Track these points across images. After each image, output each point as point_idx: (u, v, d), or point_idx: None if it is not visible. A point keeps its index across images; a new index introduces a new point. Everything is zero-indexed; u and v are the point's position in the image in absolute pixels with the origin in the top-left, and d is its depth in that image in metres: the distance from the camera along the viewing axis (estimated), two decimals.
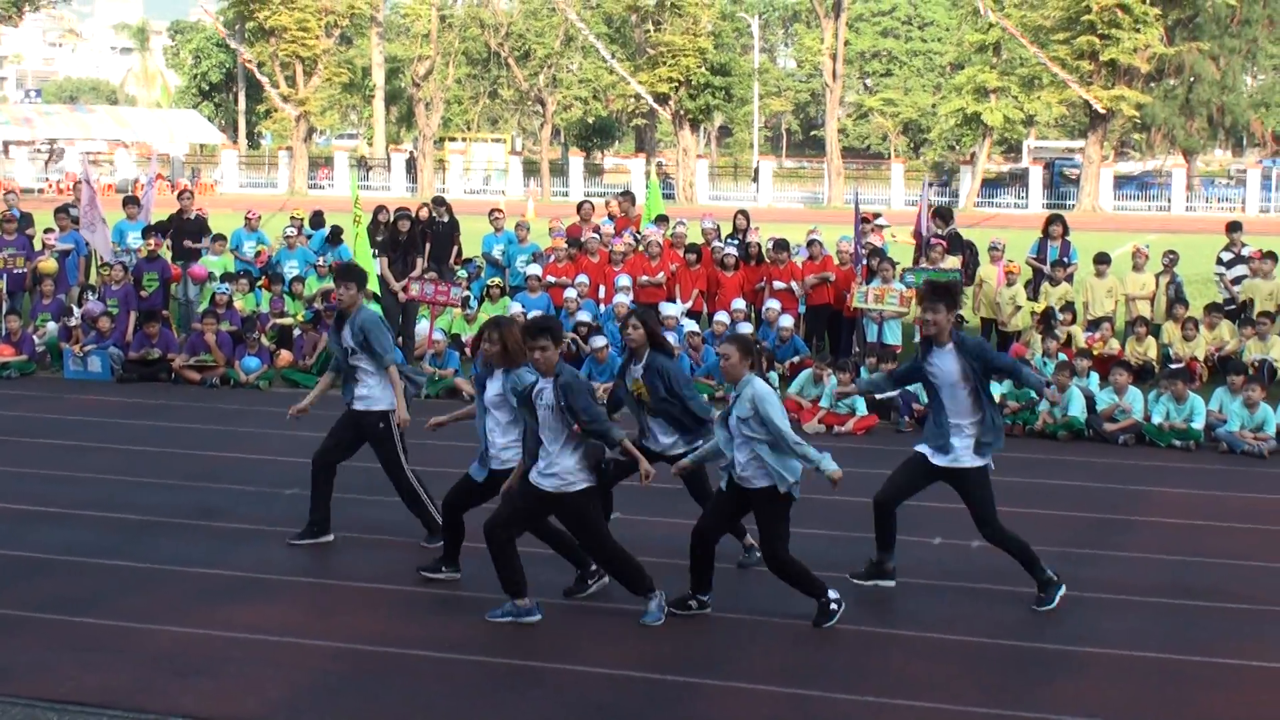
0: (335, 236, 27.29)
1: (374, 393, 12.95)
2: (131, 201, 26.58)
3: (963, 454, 11.20)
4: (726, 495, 11.02)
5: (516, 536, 10.95)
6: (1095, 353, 20.91)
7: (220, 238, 25.43)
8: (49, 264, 24.36)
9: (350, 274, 13.26)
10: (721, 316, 21.88)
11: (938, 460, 11.28)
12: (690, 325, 21.60)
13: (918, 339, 11.58)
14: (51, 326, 22.83)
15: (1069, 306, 22.37)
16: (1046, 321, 21.62)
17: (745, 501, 10.93)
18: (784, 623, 11.03)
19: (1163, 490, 15.90)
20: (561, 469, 10.74)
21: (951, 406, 11.19)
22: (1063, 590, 11.44)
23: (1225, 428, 17.97)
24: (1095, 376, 19.56)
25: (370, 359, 12.88)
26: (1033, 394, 18.79)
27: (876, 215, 24.33)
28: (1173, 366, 20.13)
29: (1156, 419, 18.16)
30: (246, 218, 27.29)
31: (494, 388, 11.57)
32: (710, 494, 11.85)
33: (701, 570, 11.06)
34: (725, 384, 11.05)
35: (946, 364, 11.15)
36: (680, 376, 12.12)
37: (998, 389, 18.90)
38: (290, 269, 25.18)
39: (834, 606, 10.87)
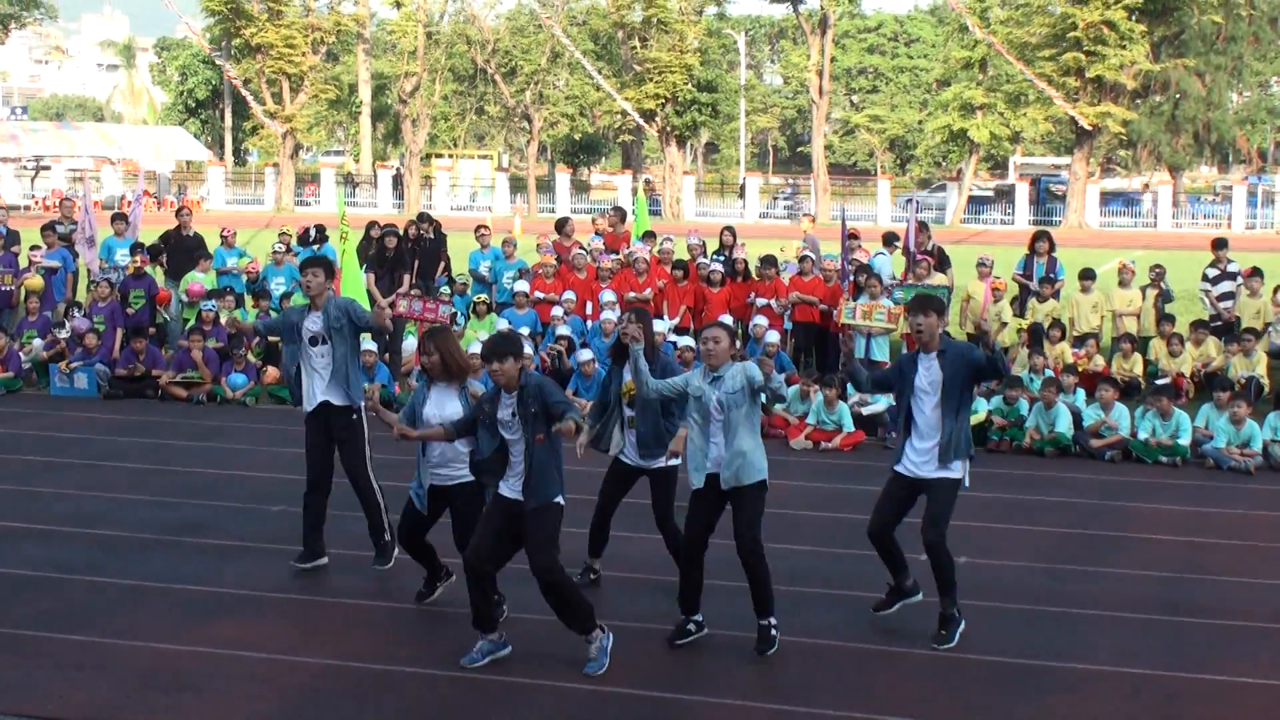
0: (320, 235, 27.35)
1: (341, 385, 12.69)
2: (119, 218, 26.54)
3: (928, 467, 11.17)
4: (708, 497, 10.77)
5: (501, 565, 10.69)
6: (1081, 369, 20.94)
7: (206, 255, 25.42)
8: (35, 281, 24.33)
9: (317, 261, 12.94)
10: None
11: (909, 473, 11.23)
12: (685, 341, 21.58)
13: (904, 351, 11.63)
14: (38, 343, 22.79)
15: (1057, 323, 22.40)
16: (1034, 338, 21.65)
17: (725, 496, 10.73)
18: (777, 639, 11.01)
19: (1150, 506, 15.92)
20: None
21: (920, 419, 11.15)
22: (963, 627, 11.17)
23: (1212, 444, 18.00)
24: (1082, 393, 19.60)
25: (347, 339, 12.66)
26: (1021, 410, 18.84)
27: (854, 235, 24.31)
28: (1159, 383, 20.16)
29: (1143, 435, 18.20)
30: (222, 235, 27.23)
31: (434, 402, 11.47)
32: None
33: (693, 587, 10.88)
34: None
35: (931, 373, 11.11)
36: (672, 365, 11.94)
37: (984, 406, 18.96)
38: (278, 285, 25.15)
39: (775, 632, 10.80)
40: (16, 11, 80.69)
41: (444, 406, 11.35)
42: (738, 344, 11.02)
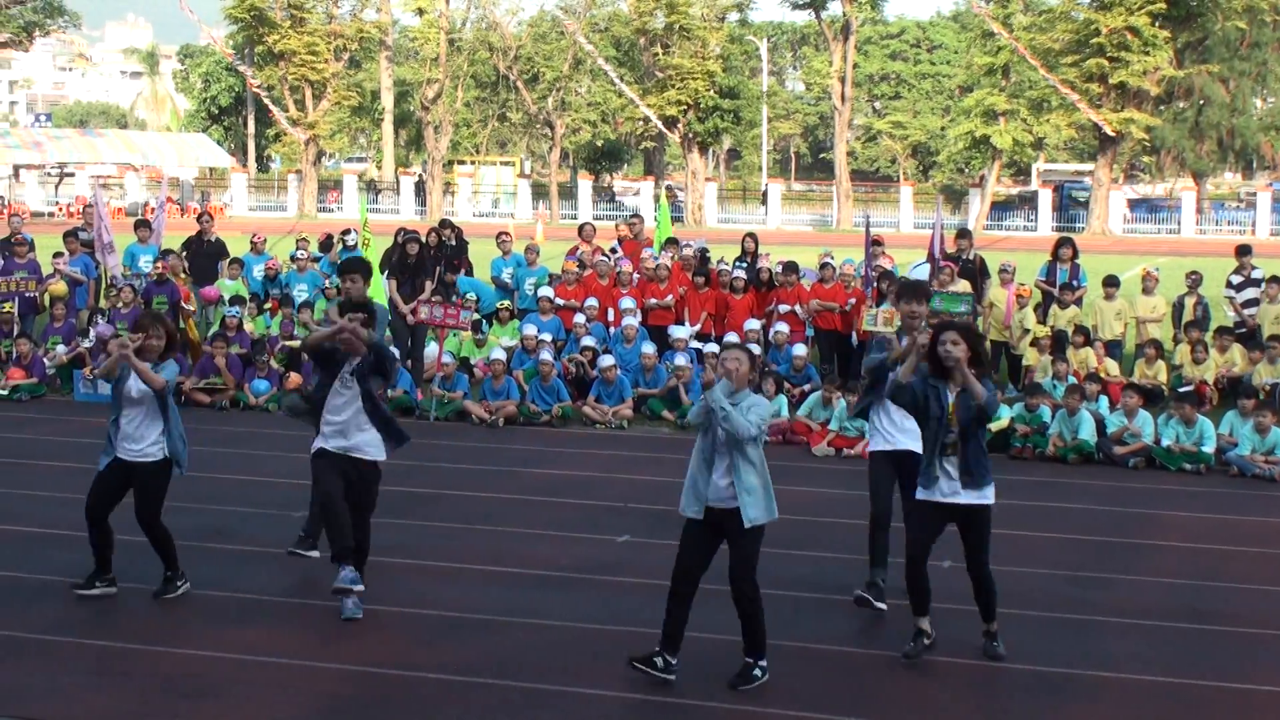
0: (326, 245, 27.54)
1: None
2: (143, 225, 26.66)
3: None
4: (701, 531, 10.29)
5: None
6: (1103, 376, 20.85)
7: (236, 261, 25.47)
8: (59, 287, 24.41)
9: (356, 266, 13.31)
10: (731, 338, 21.90)
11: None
12: (712, 348, 21.56)
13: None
14: (61, 349, 22.86)
15: (1081, 329, 22.33)
16: (1057, 344, 21.59)
17: (722, 532, 10.26)
18: (794, 646, 11.00)
19: (1173, 513, 15.86)
20: (362, 440, 11.59)
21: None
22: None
23: (1236, 451, 17.94)
24: (1105, 400, 19.53)
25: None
26: (1044, 417, 18.79)
27: (878, 241, 24.32)
28: (1182, 389, 20.09)
29: (1166, 442, 18.13)
30: (252, 241, 27.35)
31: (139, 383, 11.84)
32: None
33: (677, 625, 10.35)
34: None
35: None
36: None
37: (1007, 412, 18.91)
38: (300, 292, 25.20)
39: (758, 673, 10.38)
40: (41, 19, 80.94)
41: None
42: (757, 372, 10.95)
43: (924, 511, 10.73)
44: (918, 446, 11.08)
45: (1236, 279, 24.28)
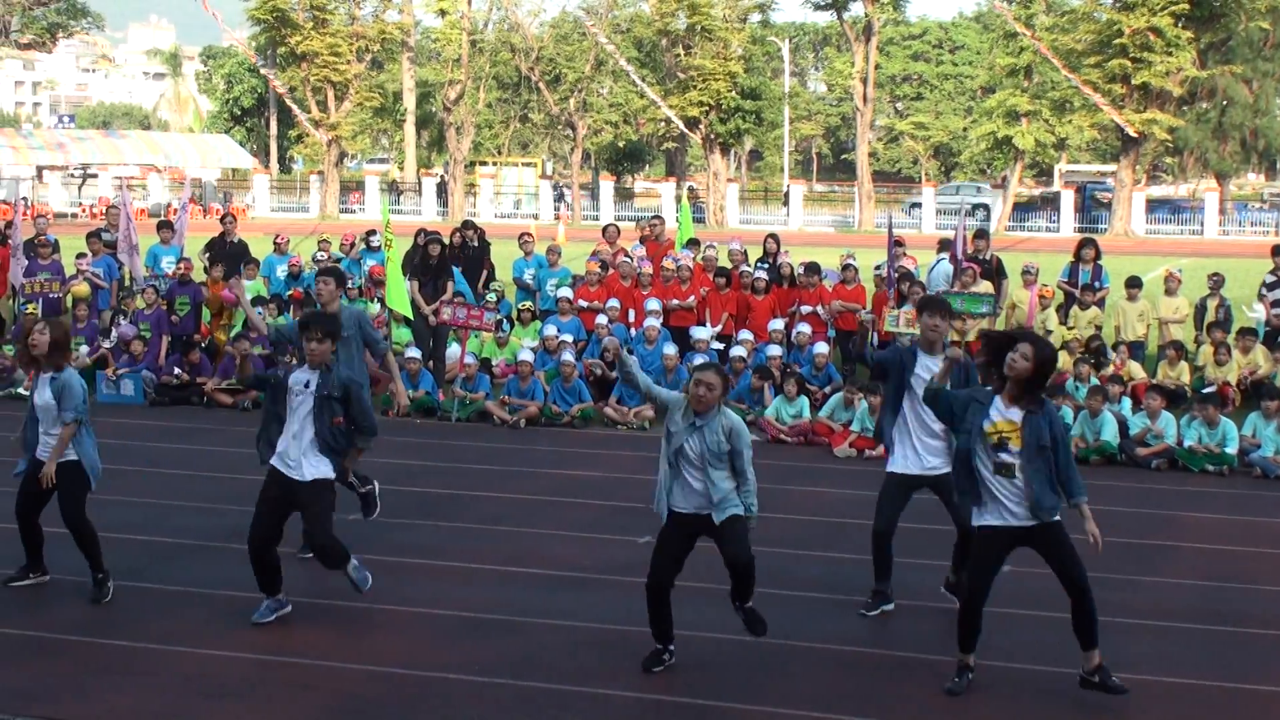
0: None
1: None
2: (165, 226, 26.73)
3: (942, 464, 11.34)
4: (675, 534, 10.42)
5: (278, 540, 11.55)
6: (1125, 378, 20.79)
7: (254, 262, 25.52)
8: (82, 288, 24.48)
9: (331, 271, 13.71)
10: (746, 335, 21.93)
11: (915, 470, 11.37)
12: (738, 351, 21.54)
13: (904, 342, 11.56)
14: (84, 350, 22.92)
15: (1097, 338, 22.24)
16: (1096, 351, 21.50)
17: (696, 534, 10.41)
18: (809, 646, 11.00)
19: (1195, 515, 15.83)
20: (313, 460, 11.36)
21: (917, 418, 11.31)
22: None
23: (1259, 453, 17.88)
24: (1128, 401, 19.49)
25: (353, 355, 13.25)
26: (1066, 419, 18.74)
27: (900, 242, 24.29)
28: (1205, 391, 20.03)
29: (1189, 443, 18.08)
30: (275, 242, 27.41)
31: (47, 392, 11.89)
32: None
33: (665, 620, 10.53)
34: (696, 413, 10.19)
35: (927, 370, 11.23)
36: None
37: None
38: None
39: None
40: (64, 21, 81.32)
41: (41, 392, 11.93)
42: (730, 387, 10.88)
43: (986, 541, 10.09)
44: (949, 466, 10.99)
45: (1271, 279, 24.17)
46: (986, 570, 10.14)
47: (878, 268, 24.28)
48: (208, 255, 26.28)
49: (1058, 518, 9.91)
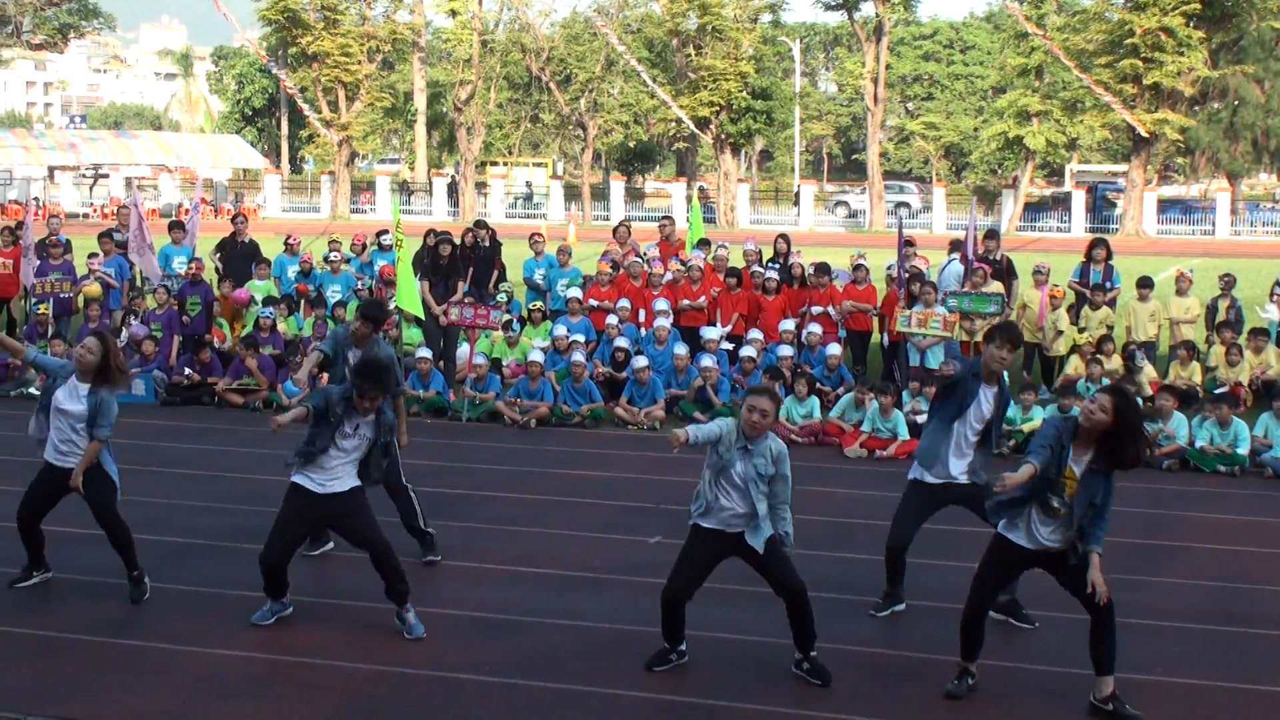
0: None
1: None
2: (177, 226, 26.76)
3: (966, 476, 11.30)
4: (701, 550, 10.41)
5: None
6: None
7: (266, 262, 25.53)
8: (94, 288, 24.52)
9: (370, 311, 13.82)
10: (755, 334, 21.92)
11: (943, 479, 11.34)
12: (748, 352, 21.54)
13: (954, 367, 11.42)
14: None
15: (1109, 338, 22.22)
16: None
17: (723, 554, 10.37)
18: (823, 648, 10.96)
19: (1206, 515, 15.80)
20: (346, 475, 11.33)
21: (962, 437, 11.19)
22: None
23: (1271, 453, 17.86)
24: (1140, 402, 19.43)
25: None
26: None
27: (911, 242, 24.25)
28: (1217, 391, 20.00)
29: (1201, 444, 18.06)
30: (286, 242, 27.43)
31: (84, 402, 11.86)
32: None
33: (677, 626, 10.57)
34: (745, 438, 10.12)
35: (987, 401, 11.15)
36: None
37: (1039, 413, 18.85)
38: (333, 293, 25.27)
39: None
40: (76, 21, 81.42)
41: (74, 400, 11.87)
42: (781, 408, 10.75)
43: (1002, 552, 10.01)
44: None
45: None
46: (997, 582, 10.20)
47: (889, 267, 24.26)
48: (219, 255, 26.30)
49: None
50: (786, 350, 21.37)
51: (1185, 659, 11.01)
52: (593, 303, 23.46)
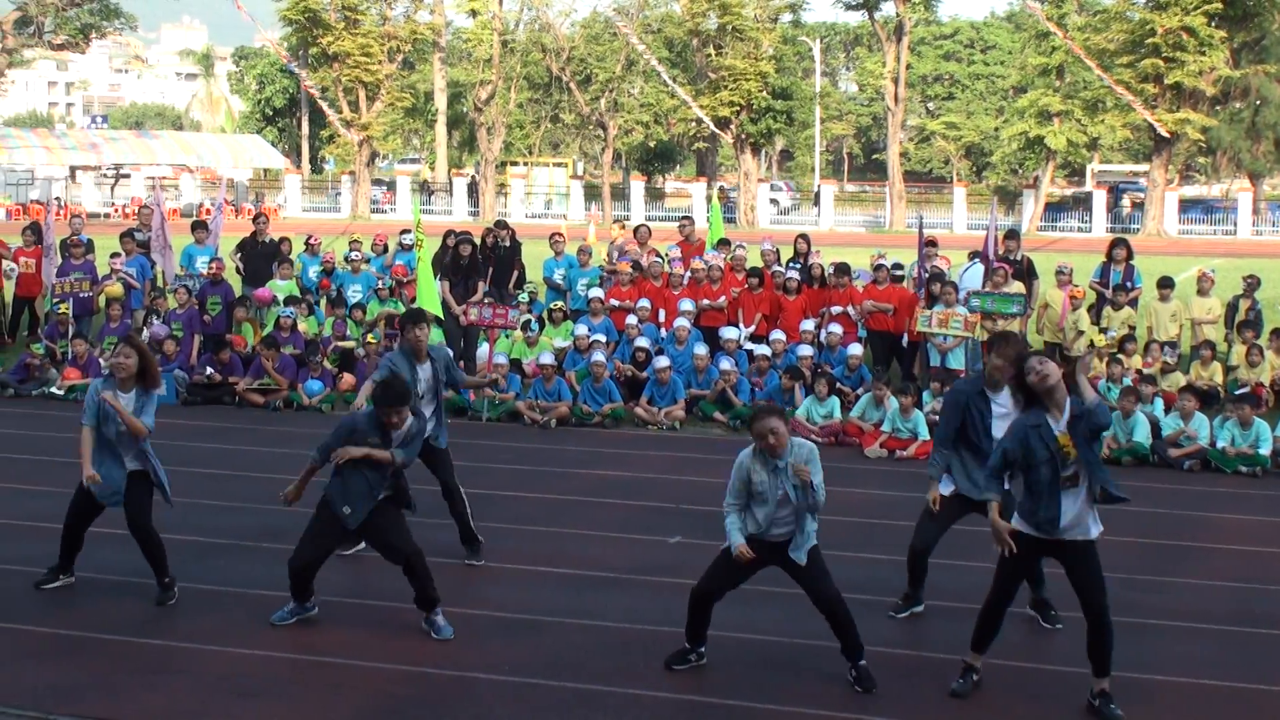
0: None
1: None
2: (200, 226, 26.82)
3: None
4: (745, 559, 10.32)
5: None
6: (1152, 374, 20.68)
7: (288, 262, 25.56)
8: (115, 288, 24.58)
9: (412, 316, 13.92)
10: (778, 335, 21.93)
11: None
12: (762, 350, 21.56)
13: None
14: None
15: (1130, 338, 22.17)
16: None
17: (764, 561, 10.33)
18: (838, 648, 10.98)
19: (1228, 516, 15.76)
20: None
21: (986, 450, 11.19)
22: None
23: None
24: (1160, 402, 19.41)
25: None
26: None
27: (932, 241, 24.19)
28: (1239, 391, 19.96)
29: (1222, 444, 18.01)
30: (308, 243, 27.44)
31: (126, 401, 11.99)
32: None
33: (702, 625, 10.60)
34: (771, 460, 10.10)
35: (1001, 407, 11.19)
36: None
37: None
38: (353, 293, 25.30)
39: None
40: (97, 22, 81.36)
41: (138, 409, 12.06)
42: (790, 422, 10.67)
43: (1016, 543, 9.91)
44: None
45: None
46: (1015, 574, 10.15)
47: (899, 267, 24.16)
48: (239, 255, 26.36)
49: (1091, 537, 9.80)
50: (806, 350, 21.36)
51: (1206, 660, 10.99)
52: (614, 303, 23.46)
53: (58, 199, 68.20)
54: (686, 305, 22.82)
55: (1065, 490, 9.68)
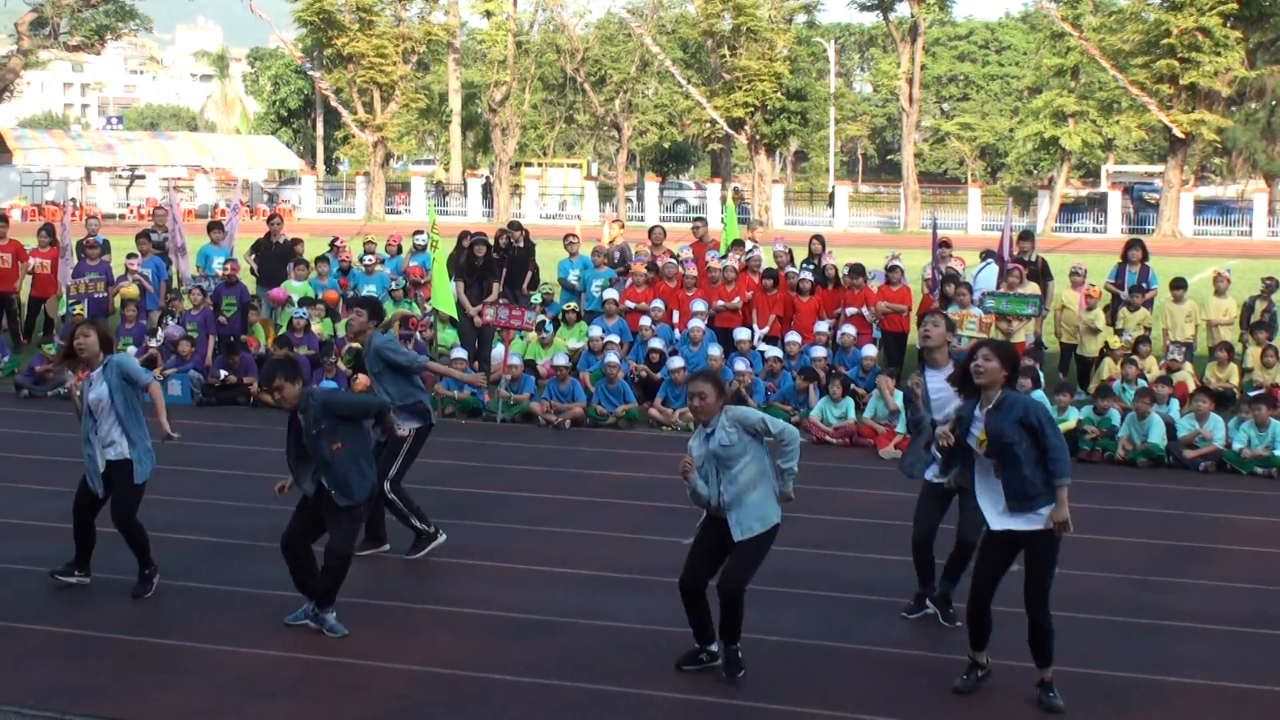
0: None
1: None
2: (215, 227, 26.84)
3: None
4: (710, 538, 10.40)
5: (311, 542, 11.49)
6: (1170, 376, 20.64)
7: (304, 263, 25.56)
8: (131, 289, 24.61)
9: (363, 302, 14.14)
10: (793, 337, 21.90)
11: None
12: (773, 351, 21.54)
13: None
14: (132, 350, 23.02)
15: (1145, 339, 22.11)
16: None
17: (725, 535, 10.28)
18: (855, 649, 10.98)
19: (1244, 518, 15.73)
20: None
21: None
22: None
23: None
24: (1176, 403, 19.36)
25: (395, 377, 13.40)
26: (1113, 420, 18.64)
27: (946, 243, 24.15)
28: (1254, 393, 19.91)
29: (1237, 446, 17.96)
30: (333, 244, 27.33)
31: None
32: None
33: (702, 621, 10.55)
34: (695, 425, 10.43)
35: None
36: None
37: (1075, 415, 18.79)
38: (368, 294, 25.27)
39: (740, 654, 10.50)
40: (113, 23, 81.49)
41: (96, 389, 11.98)
42: (727, 392, 10.67)
43: (988, 543, 10.10)
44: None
45: None
46: (991, 569, 10.14)
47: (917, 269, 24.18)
48: (254, 256, 26.38)
49: (1039, 527, 9.83)
50: (820, 351, 21.34)
51: (1221, 662, 10.96)
52: (628, 304, 23.44)
53: (73, 200, 68.43)
54: (700, 306, 22.80)
55: (999, 477, 9.83)
